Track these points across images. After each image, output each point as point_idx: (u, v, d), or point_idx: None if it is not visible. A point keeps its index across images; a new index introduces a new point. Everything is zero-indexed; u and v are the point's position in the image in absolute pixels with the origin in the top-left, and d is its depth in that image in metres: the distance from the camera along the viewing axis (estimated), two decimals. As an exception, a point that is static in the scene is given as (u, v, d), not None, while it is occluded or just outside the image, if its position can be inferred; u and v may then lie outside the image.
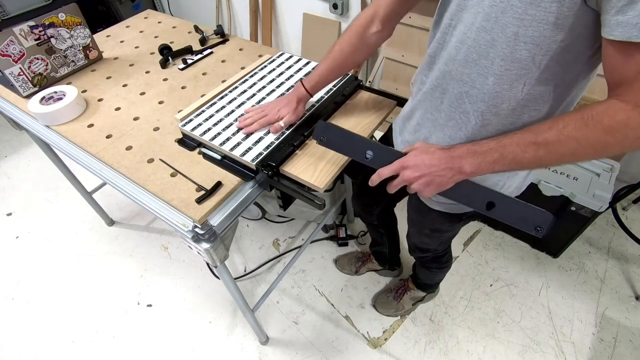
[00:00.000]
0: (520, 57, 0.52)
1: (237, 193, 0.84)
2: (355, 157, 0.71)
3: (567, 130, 0.50)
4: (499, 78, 0.56)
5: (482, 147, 0.58)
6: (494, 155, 0.56)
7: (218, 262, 0.85)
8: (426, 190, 0.62)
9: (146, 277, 1.63)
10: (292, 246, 1.72)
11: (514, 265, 1.60)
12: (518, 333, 1.40)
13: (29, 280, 1.63)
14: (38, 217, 1.88)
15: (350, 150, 0.72)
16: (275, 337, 1.42)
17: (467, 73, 0.59)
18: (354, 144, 0.71)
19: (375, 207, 1.19)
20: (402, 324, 1.44)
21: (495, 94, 0.58)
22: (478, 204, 0.64)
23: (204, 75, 1.17)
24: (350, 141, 0.72)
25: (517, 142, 0.55)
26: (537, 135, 0.53)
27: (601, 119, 0.48)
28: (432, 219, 0.87)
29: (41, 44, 1.08)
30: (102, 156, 0.92)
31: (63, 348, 1.42)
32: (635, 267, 1.57)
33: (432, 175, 0.61)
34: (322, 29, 2.11)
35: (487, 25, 0.53)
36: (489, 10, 0.52)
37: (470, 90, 0.61)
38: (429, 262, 1.19)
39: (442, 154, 0.61)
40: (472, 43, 0.56)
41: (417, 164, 0.62)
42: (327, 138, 0.73)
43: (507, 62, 0.54)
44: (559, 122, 0.51)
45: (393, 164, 0.65)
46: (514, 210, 0.63)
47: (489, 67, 0.56)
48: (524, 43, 0.51)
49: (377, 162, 0.68)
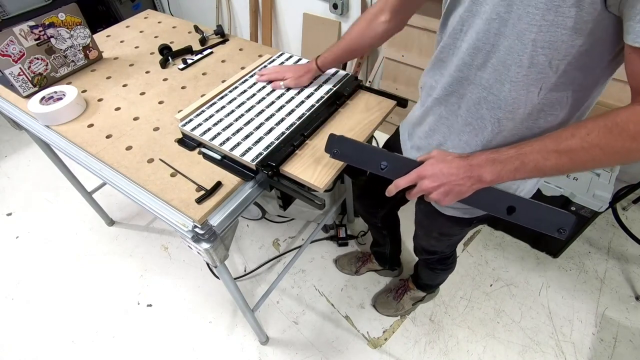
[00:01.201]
0: (538, 62, 0.52)
1: (237, 193, 0.84)
2: (370, 169, 0.69)
3: (590, 137, 0.49)
4: (515, 84, 0.55)
5: (501, 155, 0.57)
6: (515, 163, 0.55)
7: (218, 262, 0.85)
8: (445, 199, 0.61)
9: (146, 277, 1.63)
10: (292, 246, 1.72)
11: (514, 265, 1.60)
12: (518, 333, 1.40)
13: (29, 280, 1.63)
14: (38, 217, 1.88)
15: (364, 162, 0.71)
16: (275, 337, 1.42)
17: (486, 79, 0.59)
18: (367, 156, 0.70)
19: (379, 209, 1.19)
20: (402, 324, 1.44)
21: (512, 100, 0.57)
22: (498, 209, 0.63)
23: (204, 75, 1.17)
24: (364, 153, 0.70)
25: (539, 149, 0.53)
26: (559, 143, 0.52)
27: (626, 126, 0.47)
28: (441, 224, 0.87)
29: (41, 44, 1.08)
30: (102, 156, 0.92)
31: (63, 348, 1.42)
32: (635, 267, 1.57)
33: (451, 184, 0.59)
34: (322, 29, 2.11)
35: (504, 31, 0.52)
36: (506, 17, 0.51)
37: (488, 96, 0.60)
38: (434, 264, 1.19)
39: (461, 163, 0.60)
40: (490, 49, 0.55)
41: (435, 173, 0.61)
42: (340, 151, 0.72)
43: (524, 68, 0.53)
44: (582, 129, 0.50)
45: (410, 174, 0.63)
46: (535, 213, 0.62)
47: (506, 73, 0.55)
48: (542, 48, 0.50)
49: (393, 172, 0.67)
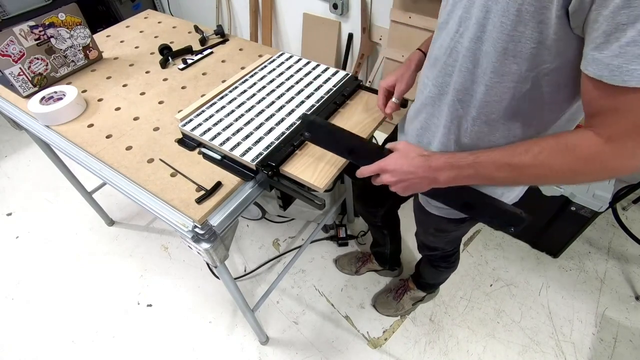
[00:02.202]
0: (510, 70, 0.53)
1: (237, 193, 0.84)
2: (338, 153, 0.71)
3: (542, 155, 0.51)
4: (489, 88, 0.57)
5: (459, 161, 0.59)
6: (469, 171, 0.58)
7: (218, 262, 0.85)
8: (404, 192, 0.66)
9: (146, 277, 1.63)
10: (292, 246, 1.72)
11: (514, 265, 1.60)
12: (518, 333, 1.40)
13: (29, 280, 1.63)
14: (38, 217, 1.88)
15: (333, 146, 0.71)
16: (275, 337, 1.42)
17: (461, 82, 0.60)
18: (337, 140, 0.70)
19: (379, 208, 1.20)
20: (402, 324, 1.44)
21: (486, 104, 0.59)
22: (456, 204, 0.65)
23: (204, 75, 1.17)
24: (334, 137, 0.71)
25: (493, 161, 0.56)
26: (512, 157, 0.54)
27: (574, 149, 0.49)
28: (436, 219, 0.88)
29: (41, 44, 1.08)
30: (102, 156, 0.92)
31: (63, 348, 1.42)
32: (635, 267, 1.57)
33: (409, 182, 0.63)
34: (322, 29, 2.11)
35: (482, 36, 0.54)
36: (484, 22, 0.53)
37: (464, 97, 0.62)
38: (437, 261, 1.19)
39: (421, 162, 0.62)
40: (466, 52, 0.57)
41: (395, 169, 0.64)
42: (310, 133, 0.72)
43: (498, 75, 0.55)
44: (535, 147, 0.52)
45: (373, 166, 0.66)
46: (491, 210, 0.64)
47: (481, 76, 0.57)
48: (513, 57, 0.52)
49: (359, 159, 0.68)
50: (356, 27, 1.96)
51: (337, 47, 2.12)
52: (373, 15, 1.90)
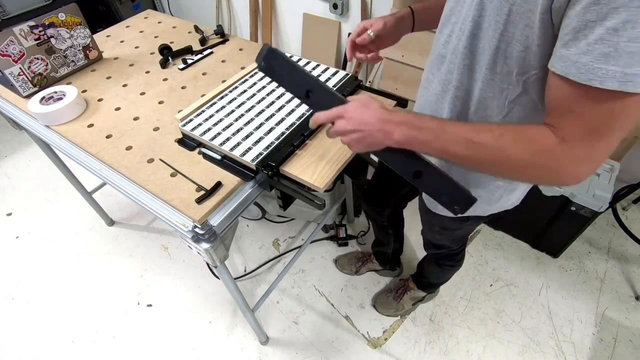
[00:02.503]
0: (502, 70, 0.54)
1: (237, 193, 0.84)
2: (295, 94, 0.65)
3: (502, 139, 0.50)
4: (485, 85, 0.58)
5: (422, 122, 0.55)
6: (428, 135, 0.54)
7: (218, 262, 0.85)
8: (356, 146, 0.59)
9: (146, 277, 1.63)
10: (292, 246, 1.72)
11: (514, 265, 1.60)
12: (518, 333, 1.40)
13: (29, 280, 1.63)
14: (38, 217, 1.88)
15: (290, 85, 0.65)
16: (275, 337, 1.42)
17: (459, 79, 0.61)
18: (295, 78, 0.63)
19: (386, 208, 1.20)
20: (402, 324, 1.44)
21: (483, 100, 0.60)
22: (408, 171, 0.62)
23: (204, 75, 1.17)
24: (293, 74, 0.64)
25: (456, 133, 0.53)
26: (475, 134, 0.52)
27: (533, 142, 0.49)
28: (439, 217, 0.88)
29: (41, 44, 1.07)
30: (102, 156, 0.92)
31: (63, 348, 1.42)
32: (635, 267, 1.57)
33: (364, 133, 0.57)
34: (322, 29, 2.11)
35: (478, 33, 0.55)
36: (479, 20, 0.54)
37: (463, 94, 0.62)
38: (442, 259, 1.19)
39: (381, 115, 0.57)
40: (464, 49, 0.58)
41: (354, 116, 0.58)
42: (267, 65, 0.64)
43: (492, 72, 0.56)
44: (498, 130, 0.51)
45: (331, 111, 0.60)
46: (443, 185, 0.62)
47: (478, 72, 0.58)
48: (504, 57, 0.53)
49: (317, 104, 0.62)
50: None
51: (337, 47, 2.11)
52: (373, 15, 1.90)
